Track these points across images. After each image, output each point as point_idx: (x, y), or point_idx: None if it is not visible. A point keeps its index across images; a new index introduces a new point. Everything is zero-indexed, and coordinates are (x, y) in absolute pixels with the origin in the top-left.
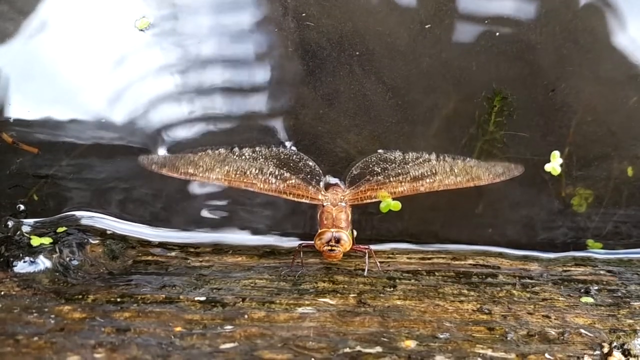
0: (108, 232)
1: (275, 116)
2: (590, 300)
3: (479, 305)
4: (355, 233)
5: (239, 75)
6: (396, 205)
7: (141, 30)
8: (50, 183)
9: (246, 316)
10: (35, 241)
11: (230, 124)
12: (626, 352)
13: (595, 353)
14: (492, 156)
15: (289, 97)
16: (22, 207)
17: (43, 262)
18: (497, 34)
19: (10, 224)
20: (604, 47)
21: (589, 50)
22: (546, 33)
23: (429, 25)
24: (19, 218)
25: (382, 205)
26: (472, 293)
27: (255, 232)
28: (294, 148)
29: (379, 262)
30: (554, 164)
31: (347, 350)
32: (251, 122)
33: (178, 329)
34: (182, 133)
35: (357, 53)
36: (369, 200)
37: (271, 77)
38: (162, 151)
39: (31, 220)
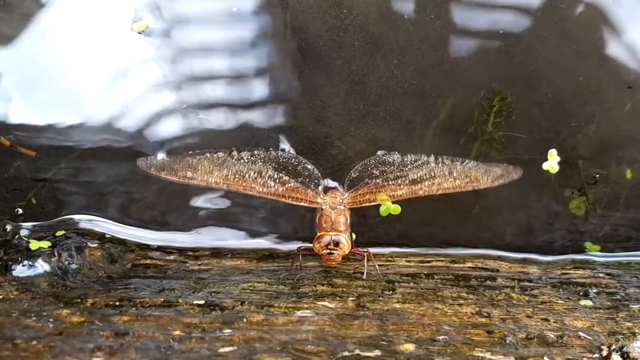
0: (107, 235)
1: (273, 118)
2: (589, 303)
3: (477, 309)
4: (354, 236)
5: (237, 76)
6: (396, 209)
7: (139, 33)
8: (48, 186)
9: (245, 320)
10: (34, 245)
11: (228, 127)
12: (625, 355)
13: (594, 356)
14: (489, 157)
15: (287, 99)
16: (20, 210)
17: (42, 266)
18: (499, 32)
19: (8, 227)
20: (601, 52)
21: (587, 53)
22: (547, 35)
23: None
24: (17, 222)
25: (382, 209)
26: (471, 296)
27: (254, 235)
28: (292, 151)
29: (378, 265)
30: (552, 162)
31: (346, 353)
32: (250, 124)
33: (177, 332)
34: (180, 135)
35: (356, 53)
36: (368, 204)
37: (269, 79)
38: (160, 154)
39: (30, 224)
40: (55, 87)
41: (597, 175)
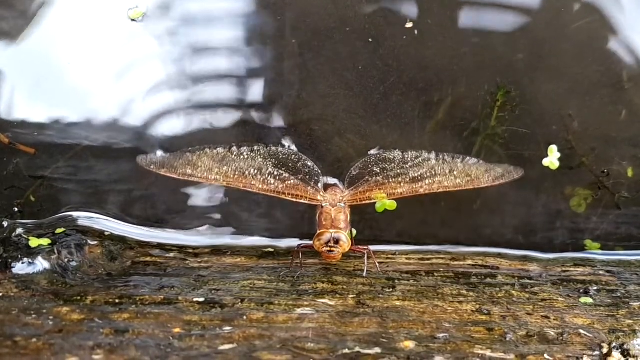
0: (106, 233)
1: (273, 115)
2: (589, 300)
3: (478, 306)
4: (354, 232)
5: (237, 73)
6: (392, 205)
7: (134, 20)
8: (46, 184)
9: (245, 317)
10: (34, 242)
11: (228, 123)
12: (625, 353)
13: (594, 353)
14: (492, 152)
15: (287, 96)
16: (18, 208)
17: (42, 264)
18: (504, 27)
19: (5, 224)
20: (595, 52)
21: (584, 54)
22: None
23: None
24: (15, 219)
25: (377, 205)
26: (471, 294)
27: (254, 232)
28: (293, 148)
29: (378, 262)
30: (552, 158)
31: (346, 351)
32: (250, 120)
33: (177, 330)
34: (180, 132)
35: (357, 49)
36: (368, 201)
37: (269, 77)
38: (160, 151)
39: (28, 222)
40: (53, 84)
41: (605, 171)
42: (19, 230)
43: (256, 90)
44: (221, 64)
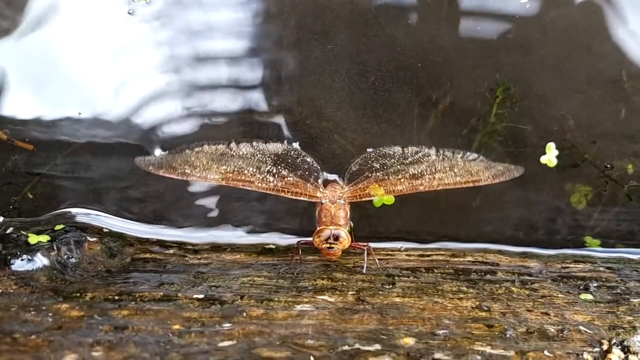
0: (105, 230)
1: (272, 112)
2: (589, 297)
3: (477, 302)
4: (352, 224)
5: (236, 71)
6: (389, 199)
7: (130, 13)
8: (44, 181)
9: (244, 314)
10: (33, 239)
11: (227, 119)
12: (625, 349)
13: (594, 350)
14: (491, 149)
15: (286, 93)
16: (15, 205)
17: (41, 260)
18: (503, 25)
19: (1, 219)
20: (595, 51)
21: (583, 52)
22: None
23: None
24: (12, 216)
25: (375, 200)
26: (471, 290)
27: (253, 229)
28: (294, 144)
29: (378, 259)
30: (550, 156)
31: (346, 347)
32: (248, 117)
33: (176, 326)
34: (178, 128)
35: (356, 46)
36: (367, 198)
37: (268, 73)
38: (158, 150)
39: (25, 219)
40: (52, 81)
41: (609, 165)
42: (16, 226)
43: (254, 87)
44: (219, 61)
